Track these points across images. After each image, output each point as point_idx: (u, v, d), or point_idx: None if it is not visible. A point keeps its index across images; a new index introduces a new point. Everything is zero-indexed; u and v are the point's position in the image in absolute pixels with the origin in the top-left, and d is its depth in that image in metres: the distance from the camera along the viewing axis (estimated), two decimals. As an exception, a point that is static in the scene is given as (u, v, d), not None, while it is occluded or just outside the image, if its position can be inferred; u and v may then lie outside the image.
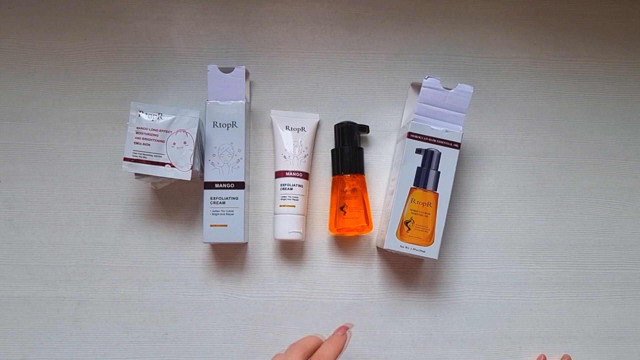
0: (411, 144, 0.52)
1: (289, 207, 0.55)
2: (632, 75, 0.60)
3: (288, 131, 0.57)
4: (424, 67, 0.59)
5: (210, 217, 0.54)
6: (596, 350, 0.58)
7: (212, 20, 0.59)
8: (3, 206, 0.57)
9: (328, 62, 0.59)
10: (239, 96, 0.55)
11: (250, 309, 0.58)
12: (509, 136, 0.59)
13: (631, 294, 0.59)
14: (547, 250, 0.59)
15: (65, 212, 0.58)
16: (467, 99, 0.53)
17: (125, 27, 0.59)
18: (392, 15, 0.59)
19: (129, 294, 0.57)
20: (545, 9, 0.60)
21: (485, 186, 0.59)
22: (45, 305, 0.57)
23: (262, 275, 0.58)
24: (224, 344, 0.57)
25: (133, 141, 0.52)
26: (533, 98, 0.59)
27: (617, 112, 0.60)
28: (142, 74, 0.58)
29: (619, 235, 0.59)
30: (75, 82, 0.58)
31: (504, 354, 0.58)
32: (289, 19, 0.59)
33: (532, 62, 0.59)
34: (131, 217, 0.58)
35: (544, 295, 0.58)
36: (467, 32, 0.59)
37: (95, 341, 0.57)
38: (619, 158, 0.60)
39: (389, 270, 0.58)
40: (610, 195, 0.59)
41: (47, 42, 0.58)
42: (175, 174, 0.52)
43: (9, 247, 0.57)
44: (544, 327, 0.58)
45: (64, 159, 0.58)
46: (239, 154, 0.54)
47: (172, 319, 0.57)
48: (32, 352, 0.57)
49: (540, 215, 0.59)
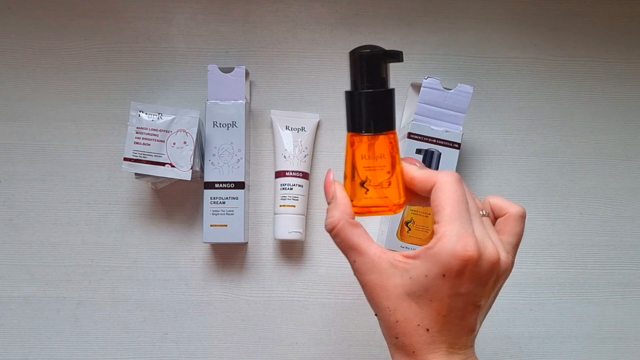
0: (411, 144, 0.52)
1: (289, 207, 0.55)
2: (632, 75, 0.60)
3: (288, 131, 0.57)
4: (424, 67, 0.59)
5: (210, 217, 0.54)
6: (596, 350, 0.58)
7: (212, 20, 0.59)
8: (3, 206, 0.57)
9: (328, 62, 0.59)
10: (239, 96, 0.55)
11: (250, 309, 0.58)
12: (509, 136, 0.59)
13: (631, 294, 0.59)
14: (547, 250, 0.59)
15: (65, 212, 0.58)
16: (467, 99, 0.53)
17: (125, 27, 0.58)
18: (392, 15, 0.59)
19: (129, 294, 0.57)
20: (545, 9, 0.60)
21: (485, 186, 0.59)
22: (45, 305, 0.57)
23: (262, 275, 0.58)
24: (224, 344, 0.57)
25: (133, 141, 0.52)
26: (533, 98, 0.59)
27: (617, 112, 0.60)
28: (142, 74, 0.58)
29: (619, 235, 0.59)
30: (75, 82, 0.58)
31: (504, 354, 0.58)
32: (289, 19, 0.59)
33: (532, 62, 0.59)
34: (131, 217, 0.58)
35: (544, 295, 0.58)
36: (467, 32, 0.59)
37: (95, 341, 0.57)
38: (619, 158, 0.60)
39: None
40: (610, 195, 0.59)
41: (47, 42, 0.58)
42: (175, 174, 0.52)
43: (9, 247, 0.57)
44: (544, 327, 0.58)
45: (64, 159, 0.58)
46: (239, 154, 0.54)
47: (172, 319, 0.57)
48: (32, 352, 0.57)
49: (540, 215, 0.59)
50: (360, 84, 0.36)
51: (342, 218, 0.35)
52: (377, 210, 0.38)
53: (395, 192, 0.37)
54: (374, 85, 0.36)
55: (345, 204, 0.36)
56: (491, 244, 0.33)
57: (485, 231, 0.34)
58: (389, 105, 0.36)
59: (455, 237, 0.32)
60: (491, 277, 0.33)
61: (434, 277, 0.32)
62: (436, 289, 0.32)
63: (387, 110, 0.36)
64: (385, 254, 0.34)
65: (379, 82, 0.36)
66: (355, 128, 0.36)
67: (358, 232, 0.35)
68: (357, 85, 0.36)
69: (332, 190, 0.37)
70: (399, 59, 0.36)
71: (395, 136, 0.37)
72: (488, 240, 0.33)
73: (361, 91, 0.36)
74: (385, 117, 0.36)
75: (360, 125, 0.36)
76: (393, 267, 0.34)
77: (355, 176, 0.37)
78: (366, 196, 0.37)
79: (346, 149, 0.37)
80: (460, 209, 0.33)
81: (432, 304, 0.33)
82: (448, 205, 0.33)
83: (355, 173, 0.37)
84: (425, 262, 0.33)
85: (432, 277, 0.32)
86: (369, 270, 0.35)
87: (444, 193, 0.33)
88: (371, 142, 0.36)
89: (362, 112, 0.36)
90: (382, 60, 0.36)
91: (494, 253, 0.33)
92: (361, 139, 0.36)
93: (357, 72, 0.36)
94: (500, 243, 0.34)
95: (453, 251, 0.32)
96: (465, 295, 0.32)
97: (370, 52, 0.36)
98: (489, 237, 0.34)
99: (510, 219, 0.37)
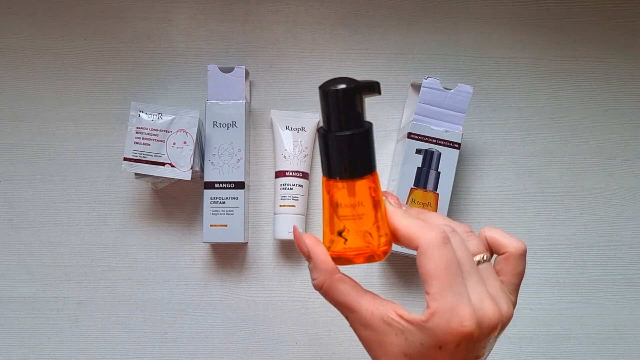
0: (411, 144, 0.52)
1: (289, 207, 0.55)
2: (632, 75, 0.60)
3: (288, 131, 0.57)
4: (424, 67, 0.59)
5: (210, 217, 0.54)
6: (596, 350, 0.58)
7: (212, 20, 0.59)
8: (3, 206, 0.57)
9: (328, 62, 0.59)
10: (239, 96, 0.55)
11: (250, 309, 0.58)
12: (509, 136, 0.59)
13: (631, 294, 0.59)
14: (547, 250, 0.59)
15: (65, 212, 0.58)
16: (467, 99, 0.53)
17: (125, 27, 0.59)
18: (392, 15, 0.59)
19: (129, 294, 0.57)
20: (545, 9, 0.60)
21: (485, 186, 0.59)
22: (45, 305, 0.57)
23: (262, 275, 0.58)
24: (224, 344, 0.57)
25: (133, 141, 0.52)
26: (533, 98, 0.59)
27: (617, 112, 0.60)
28: (142, 74, 0.58)
29: (619, 235, 0.59)
30: (75, 82, 0.58)
31: (504, 354, 0.58)
32: (289, 19, 0.59)
33: (532, 62, 0.59)
34: (131, 217, 0.58)
35: (544, 295, 0.58)
36: (467, 32, 0.59)
37: (95, 341, 0.57)
38: (619, 158, 0.60)
39: (389, 270, 0.58)
40: (610, 195, 0.59)
41: (47, 42, 0.58)
42: (175, 174, 0.52)
43: (9, 247, 0.57)
44: (544, 327, 0.58)
45: (64, 159, 0.58)
46: (239, 153, 0.54)
47: (172, 319, 0.57)
48: (32, 352, 0.57)
49: (540, 215, 0.59)
50: (333, 124, 0.32)
51: (326, 279, 0.34)
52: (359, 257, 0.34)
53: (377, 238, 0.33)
54: (349, 125, 0.31)
55: (324, 261, 0.34)
56: (490, 306, 0.31)
57: (484, 288, 0.31)
58: (366, 147, 0.32)
59: (449, 313, 0.30)
60: (492, 337, 0.31)
61: (429, 347, 0.31)
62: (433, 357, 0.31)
63: (365, 152, 0.32)
64: (378, 309, 0.33)
65: (353, 120, 0.31)
66: (331, 174, 0.33)
67: (346, 288, 0.34)
68: (331, 125, 0.32)
69: (305, 250, 0.34)
70: (376, 91, 0.32)
71: (376, 177, 0.33)
72: (487, 302, 0.31)
73: (335, 134, 0.31)
74: (363, 159, 0.32)
75: (336, 170, 0.32)
76: (387, 325, 0.32)
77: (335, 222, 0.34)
78: (345, 245, 0.34)
79: (323, 194, 0.34)
80: (450, 277, 0.30)
81: None
82: (435, 276, 0.30)
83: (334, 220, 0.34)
84: (421, 332, 0.31)
85: (427, 346, 0.31)
86: (363, 327, 0.33)
87: (429, 261, 0.30)
88: (349, 187, 0.33)
89: (337, 157, 0.32)
90: (356, 94, 0.31)
91: (495, 316, 0.31)
92: (337, 184, 0.33)
93: (329, 110, 0.32)
94: (501, 292, 0.32)
95: (448, 328, 0.30)
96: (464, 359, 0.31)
97: (345, 87, 0.31)
98: (487, 295, 0.31)
99: (511, 258, 0.34)
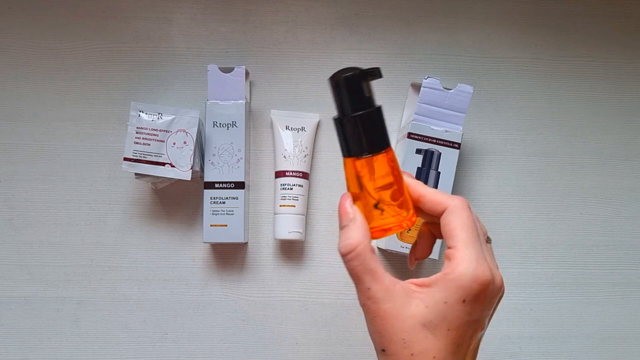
0: (411, 144, 0.52)
1: (289, 207, 0.55)
2: (632, 75, 0.60)
3: (288, 131, 0.57)
4: (424, 67, 0.59)
5: (210, 217, 0.54)
6: (596, 350, 0.58)
7: (212, 20, 0.59)
8: (3, 206, 0.57)
9: (328, 62, 0.59)
10: (239, 96, 0.55)
11: (250, 309, 0.58)
12: (509, 136, 0.59)
13: (631, 294, 0.59)
14: (547, 250, 0.59)
15: (65, 212, 0.58)
16: (467, 99, 0.53)
17: (125, 27, 0.58)
18: (392, 15, 0.59)
19: (129, 294, 0.57)
20: (545, 9, 0.60)
21: (485, 186, 0.59)
22: (45, 305, 0.57)
23: (262, 275, 0.58)
24: (224, 344, 0.57)
25: (133, 141, 0.52)
26: (533, 98, 0.59)
27: (617, 112, 0.60)
28: (142, 74, 0.58)
29: (619, 235, 0.59)
30: (75, 82, 0.58)
31: (504, 354, 0.58)
32: (289, 19, 0.59)
33: (532, 62, 0.59)
34: (131, 217, 0.58)
35: (544, 295, 0.58)
36: (467, 32, 0.59)
37: (95, 341, 0.57)
38: (619, 158, 0.60)
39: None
40: (610, 195, 0.59)
41: (47, 42, 0.58)
42: (175, 174, 0.52)
43: (9, 247, 0.57)
44: (544, 327, 0.58)
45: (64, 159, 0.58)
46: (239, 153, 0.54)
47: (172, 319, 0.57)
48: (32, 352, 0.57)
49: (540, 215, 0.59)
50: (347, 109, 0.35)
51: (363, 241, 0.34)
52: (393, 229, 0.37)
53: (406, 208, 0.37)
54: (362, 106, 0.35)
55: (366, 228, 0.35)
56: (496, 270, 0.34)
57: (492, 257, 0.35)
58: (380, 124, 0.36)
59: (475, 262, 0.32)
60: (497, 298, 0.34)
61: (453, 303, 0.32)
62: (455, 316, 0.32)
63: (381, 128, 0.36)
64: (398, 282, 0.34)
65: (365, 102, 0.35)
66: (353, 153, 0.36)
67: (376, 257, 0.34)
68: (345, 110, 0.35)
69: (351, 212, 0.35)
70: (378, 75, 0.35)
71: (392, 152, 0.36)
72: (494, 266, 0.34)
73: (351, 115, 0.35)
74: (380, 135, 0.36)
75: (358, 149, 0.36)
76: (407, 296, 0.33)
77: (368, 198, 0.36)
78: (382, 217, 0.37)
79: (347, 175, 0.37)
80: (474, 233, 0.33)
81: (449, 333, 0.32)
82: (463, 230, 0.33)
83: (366, 195, 0.36)
84: (444, 288, 0.32)
85: (451, 303, 0.32)
86: (383, 299, 0.33)
87: (457, 218, 0.34)
88: (371, 163, 0.36)
89: (357, 136, 0.35)
90: (362, 80, 0.35)
91: (500, 278, 0.34)
92: (362, 162, 0.36)
93: (341, 97, 0.35)
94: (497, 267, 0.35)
95: (474, 275, 0.32)
96: (476, 321, 0.33)
97: (350, 74, 0.35)
98: (494, 262, 0.35)
99: None
